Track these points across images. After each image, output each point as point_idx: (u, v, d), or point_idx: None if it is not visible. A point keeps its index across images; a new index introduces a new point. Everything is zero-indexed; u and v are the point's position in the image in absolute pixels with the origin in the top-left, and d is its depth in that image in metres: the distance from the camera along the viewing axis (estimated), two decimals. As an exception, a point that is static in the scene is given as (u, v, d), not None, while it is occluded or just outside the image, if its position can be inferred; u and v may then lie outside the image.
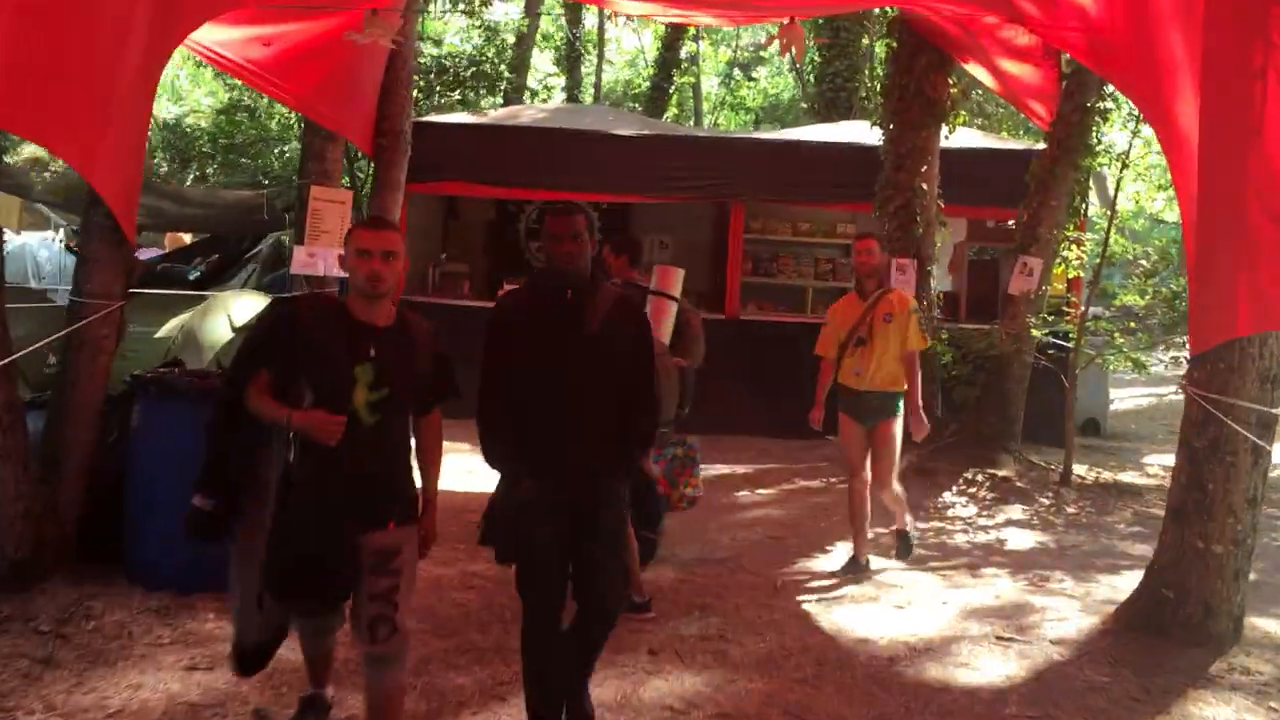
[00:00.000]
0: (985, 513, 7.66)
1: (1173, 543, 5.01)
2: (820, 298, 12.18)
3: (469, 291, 10.96)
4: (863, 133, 10.69)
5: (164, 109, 18.57)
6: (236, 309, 9.77)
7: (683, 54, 18.90)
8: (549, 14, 18.15)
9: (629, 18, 14.08)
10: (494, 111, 12.57)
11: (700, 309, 10.89)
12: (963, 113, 9.88)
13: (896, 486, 6.18)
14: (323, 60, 8.19)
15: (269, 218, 10.22)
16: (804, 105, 17.93)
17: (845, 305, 6.16)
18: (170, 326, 9.39)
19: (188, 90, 19.97)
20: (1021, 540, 7.06)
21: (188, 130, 16.74)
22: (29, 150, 17.32)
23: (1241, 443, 4.78)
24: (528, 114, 11.94)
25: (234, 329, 9.55)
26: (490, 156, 10.29)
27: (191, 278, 11.91)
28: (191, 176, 16.41)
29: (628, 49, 25.63)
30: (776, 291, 12.01)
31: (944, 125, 9.44)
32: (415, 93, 13.57)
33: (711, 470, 8.67)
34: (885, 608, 5.56)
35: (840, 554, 6.54)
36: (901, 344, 5.91)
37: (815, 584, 5.95)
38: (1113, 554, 6.84)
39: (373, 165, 9.60)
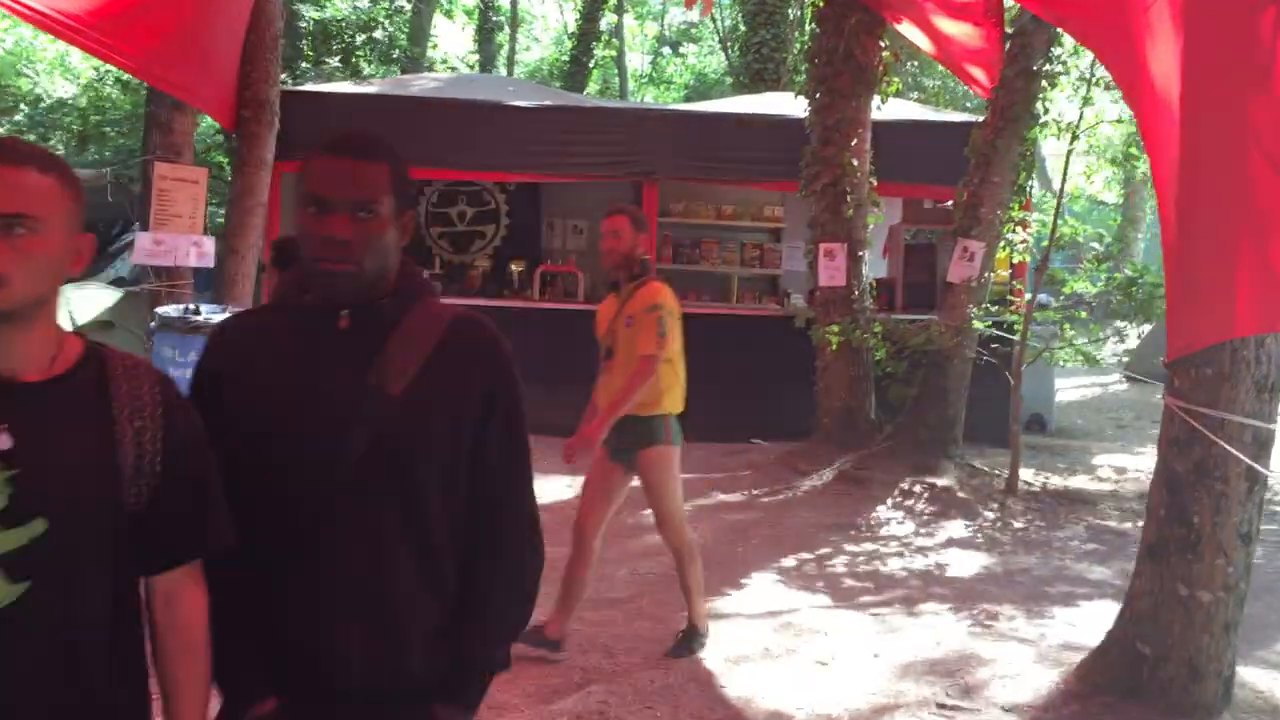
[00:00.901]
0: (924, 530, 6.76)
1: (1149, 587, 4.11)
2: (746, 286, 11.28)
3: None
4: (790, 105, 9.76)
5: (58, 87, 17.11)
6: (77, 304, 8.59)
7: (603, 26, 17.81)
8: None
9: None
10: (379, 81, 11.44)
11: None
12: (896, 80, 8.96)
13: (689, 534, 4.71)
14: (160, 15, 7.05)
15: (112, 200, 9.02)
16: (730, 80, 16.96)
17: (605, 306, 4.73)
18: None
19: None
20: (965, 564, 6.17)
21: (61, 104, 15.22)
22: None
23: (1234, 466, 3.88)
24: (418, 84, 10.80)
25: (75, 327, 8.30)
26: (375, 131, 9.14)
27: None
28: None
29: (553, 26, 24.54)
30: (699, 279, 11.03)
31: (876, 94, 8.53)
32: (291, 60, 12.40)
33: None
34: (805, 663, 4.62)
35: (759, 586, 5.60)
36: None
37: (724, 630, 4.98)
38: (1067, 578, 5.98)
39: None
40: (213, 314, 7.41)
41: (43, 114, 15.08)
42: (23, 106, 15.34)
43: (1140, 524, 4.80)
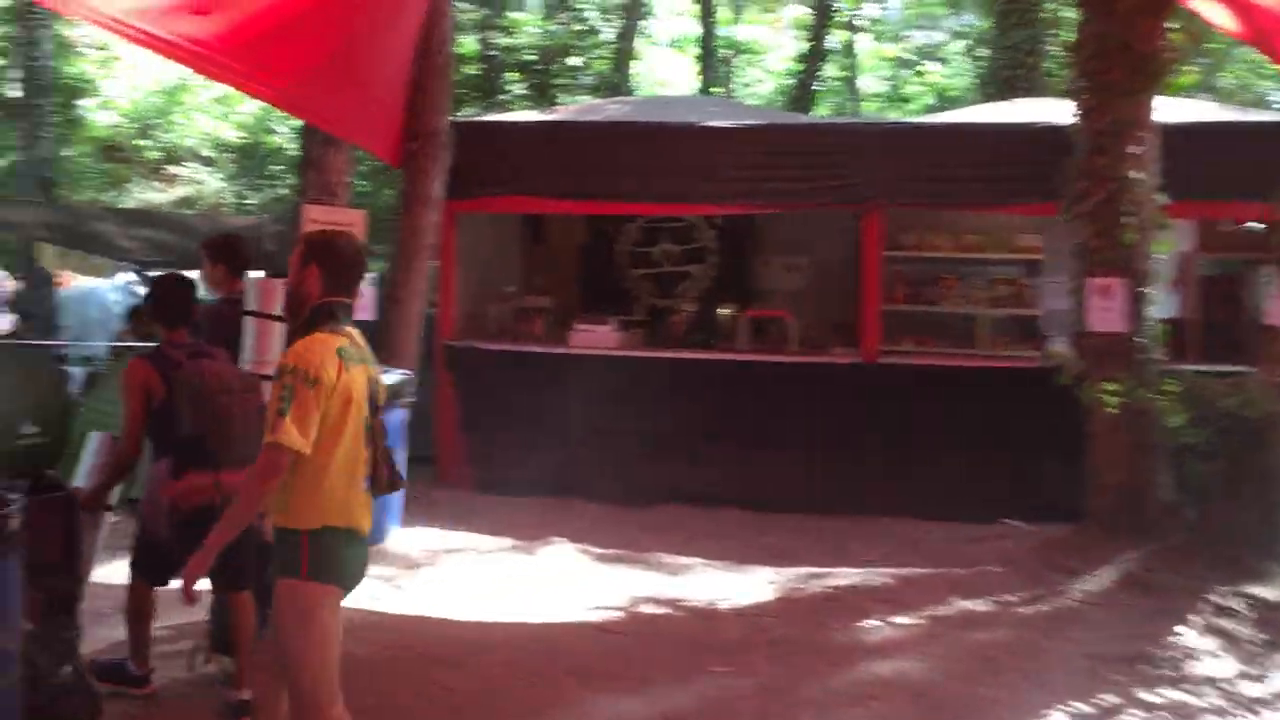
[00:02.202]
0: (1252, 670, 4.93)
1: None
2: (995, 331, 9.53)
3: (540, 330, 8.85)
4: (1047, 112, 8.07)
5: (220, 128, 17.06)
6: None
7: (834, 43, 16.32)
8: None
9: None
10: (566, 108, 10.50)
11: (834, 347, 8.54)
12: (1189, 71, 7.10)
13: None
14: (309, 42, 6.28)
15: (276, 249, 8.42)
16: (975, 96, 15.11)
17: None
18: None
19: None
20: (1320, 730, 4.35)
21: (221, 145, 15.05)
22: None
23: None
24: (610, 109, 9.77)
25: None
26: (555, 162, 8.13)
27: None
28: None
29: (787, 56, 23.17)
30: (938, 323, 9.41)
31: (1159, 89, 6.73)
32: (477, 90, 11.65)
33: (828, 578, 6.28)
34: None
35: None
36: None
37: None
38: None
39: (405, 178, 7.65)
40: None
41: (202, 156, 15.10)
42: (185, 145, 15.40)
43: None
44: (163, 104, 19.33)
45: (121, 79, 22.00)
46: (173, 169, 18.32)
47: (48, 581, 3.78)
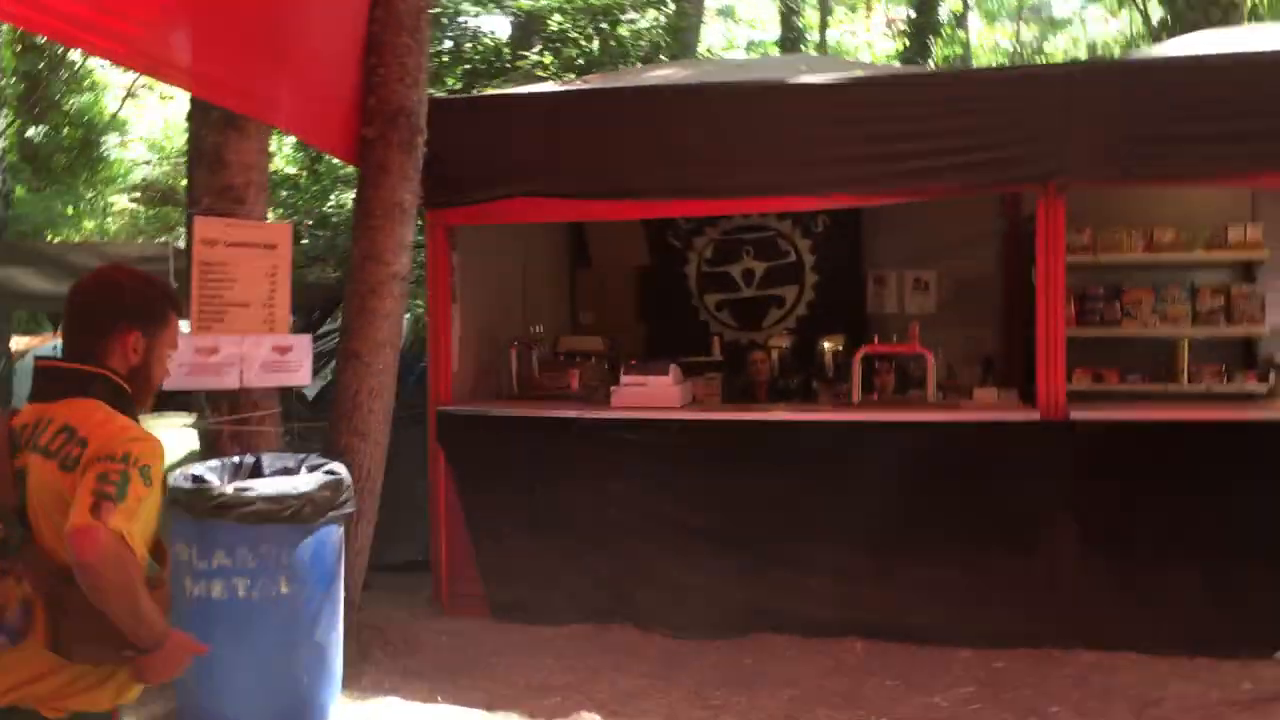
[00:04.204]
0: None
1: None
2: (1201, 357, 6.91)
3: (580, 384, 6.45)
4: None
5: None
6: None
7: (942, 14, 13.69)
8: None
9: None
10: (599, 75, 8.11)
11: (994, 393, 5.96)
12: None
13: None
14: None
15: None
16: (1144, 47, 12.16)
17: None
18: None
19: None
20: None
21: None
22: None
23: None
24: (658, 75, 7.30)
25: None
26: (588, 148, 5.68)
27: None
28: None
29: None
30: (1123, 350, 6.86)
31: None
32: (486, 63, 9.15)
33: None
34: None
35: None
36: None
37: None
38: None
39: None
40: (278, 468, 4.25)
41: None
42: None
43: None
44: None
45: (152, 115, 20.54)
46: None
47: None
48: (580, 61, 8.99)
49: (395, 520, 5.67)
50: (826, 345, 7.05)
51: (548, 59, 9.04)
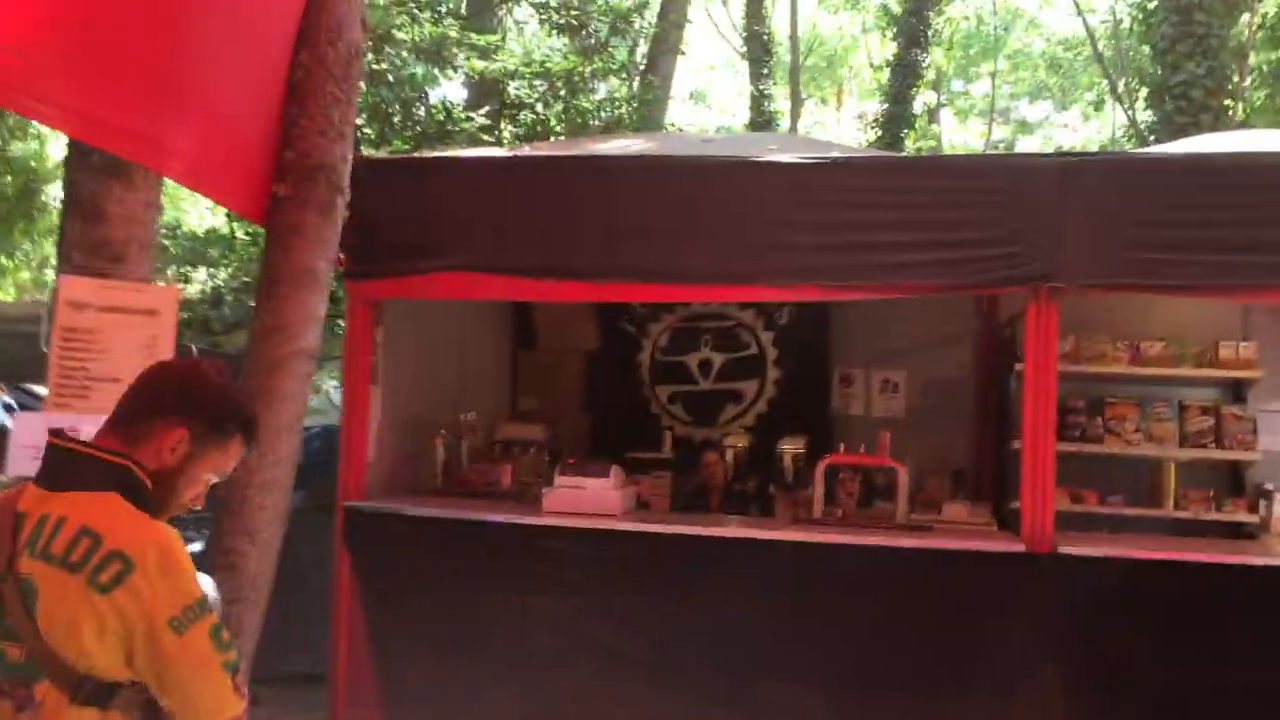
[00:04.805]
0: None
1: None
2: (1190, 478, 6.40)
3: (512, 479, 5.79)
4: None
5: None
6: None
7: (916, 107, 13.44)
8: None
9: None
10: (554, 143, 7.60)
11: (966, 508, 5.32)
12: None
13: None
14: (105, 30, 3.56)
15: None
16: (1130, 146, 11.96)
17: None
18: None
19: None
20: None
21: (212, 235, 12.53)
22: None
23: None
24: (618, 145, 6.79)
25: None
26: (532, 219, 5.10)
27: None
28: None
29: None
30: (1106, 470, 6.35)
31: None
32: (433, 120, 8.61)
33: None
34: None
35: None
36: None
37: None
38: None
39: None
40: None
41: (192, 243, 12.47)
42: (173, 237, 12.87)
43: None
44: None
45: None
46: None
47: None
48: (538, 129, 8.51)
49: (291, 621, 4.95)
50: (787, 448, 6.43)
51: (504, 126, 8.53)
